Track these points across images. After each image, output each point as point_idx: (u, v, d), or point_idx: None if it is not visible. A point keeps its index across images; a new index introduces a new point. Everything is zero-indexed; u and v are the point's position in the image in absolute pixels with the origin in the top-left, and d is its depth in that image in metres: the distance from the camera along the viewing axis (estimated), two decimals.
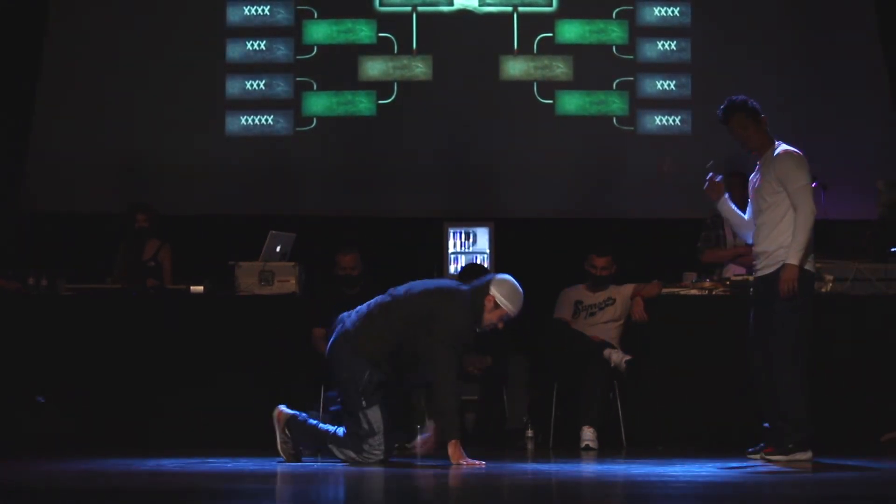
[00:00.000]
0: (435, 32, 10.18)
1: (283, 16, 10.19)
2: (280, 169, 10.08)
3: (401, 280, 6.47)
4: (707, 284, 7.77)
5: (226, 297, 7.88)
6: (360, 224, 9.78)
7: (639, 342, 7.74)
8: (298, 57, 10.16)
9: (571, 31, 10.20)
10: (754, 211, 6.50)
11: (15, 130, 9.81)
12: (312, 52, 10.17)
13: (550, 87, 10.15)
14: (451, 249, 9.29)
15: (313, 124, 10.13)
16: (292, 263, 7.96)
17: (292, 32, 10.20)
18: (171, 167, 9.99)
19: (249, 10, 10.20)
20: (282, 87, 10.12)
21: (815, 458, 6.27)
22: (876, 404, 7.53)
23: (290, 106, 10.14)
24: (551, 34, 10.18)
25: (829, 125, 9.92)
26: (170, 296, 8.00)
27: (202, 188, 10.01)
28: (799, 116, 9.80)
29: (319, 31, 10.19)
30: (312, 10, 10.20)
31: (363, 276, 7.97)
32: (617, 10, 10.21)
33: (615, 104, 10.15)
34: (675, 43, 10.21)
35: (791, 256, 6.26)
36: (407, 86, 10.15)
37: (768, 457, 6.30)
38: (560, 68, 10.16)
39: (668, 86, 10.17)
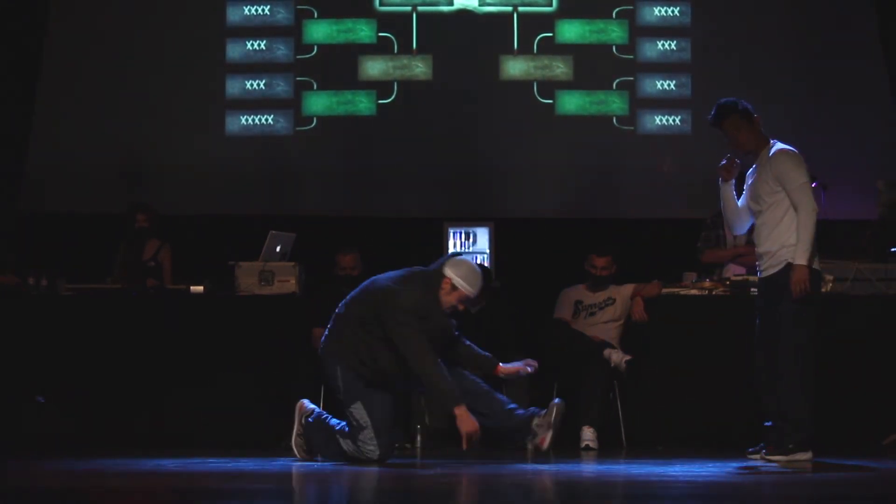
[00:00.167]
0: (435, 32, 10.17)
1: (283, 15, 10.18)
2: (280, 169, 10.08)
3: None
4: (707, 284, 7.77)
5: (226, 297, 7.88)
6: (360, 224, 9.78)
7: (639, 342, 7.74)
8: (298, 57, 10.16)
9: (571, 30, 10.20)
10: (754, 212, 6.50)
11: (15, 130, 9.80)
12: (312, 51, 10.17)
13: (550, 86, 10.15)
14: (451, 249, 9.28)
15: (313, 124, 10.13)
16: (292, 263, 7.96)
17: (292, 32, 10.19)
18: (171, 167, 9.98)
19: (249, 10, 10.19)
20: (282, 87, 10.12)
21: (815, 458, 6.27)
22: (876, 405, 7.53)
23: (290, 106, 10.14)
24: (551, 34, 10.18)
25: (829, 125, 9.91)
26: (170, 296, 8.01)
27: (202, 188, 10.00)
28: (799, 116, 9.79)
29: (319, 31, 10.19)
30: (312, 9, 10.19)
31: (363, 276, 7.96)
32: (617, 9, 10.21)
33: (615, 104, 10.15)
34: (675, 43, 10.21)
35: (799, 257, 6.23)
36: (407, 86, 10.14)
37: (768, 457, 6.30)
38: (560, 68, 10.16)
39: (668, 86, 10.16)
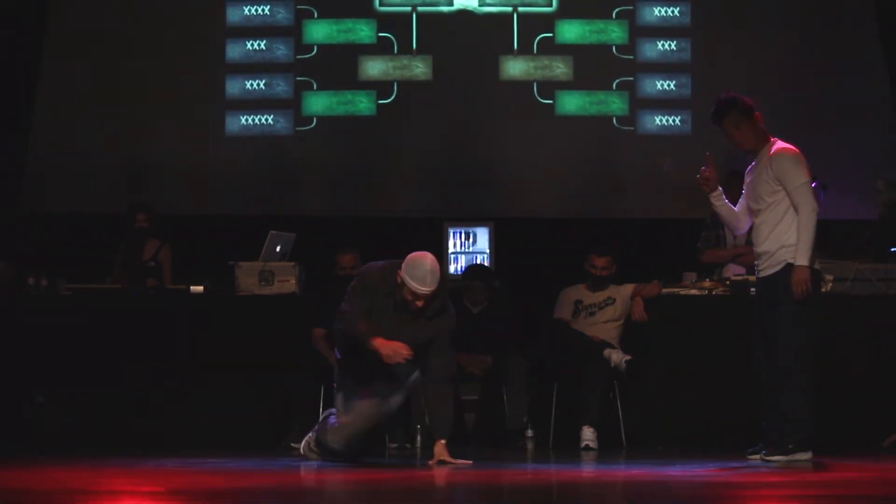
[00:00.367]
0: (435, 32, 10.18)
1: (283, 15, 10.19)
2: (280, 169, 10.08)
3: None
4: (707, 284, 7.76)
5: (226, 297, 7.87)
6: (360, 224, 9.78)
7: (639, 342, 7.73)
8: (298, 56, 10.16)
9: (571, 31, 10.20)
10: (753, 211, 6.47)
11: (15, 130, 9.80)
12: (312, 51, 10.17)
13: (550, 87, 10.15)
14: (451, 249, 9.29)
15: (313, 124, 10.13)
16: (292, 263, 7.95)
17: (292, 32, 10.20)
18: (171, 167, 9.99)
19: (249, 10, 10.20)
20: (282, 87, 10.12)
21: (815, 458, 6.27)
22: (876, 404, 7.52)
23: (290, 106, 10.14)
24: (551, 34, 10.19)
25: (829, 125, 9.92)
26: (170, 296, 8.00)
27: (202, 188, 10.01)
28: (799, 116, 9.79)
29: (319, 31, 10.19)
30: (312, 9, 10.20)
31: None
32: (617, 10, 10.21)
33: (615, 104, 10.15)
34: (675, 43, 10.21)
35: (800, 257, 6.20)
36: (407, 86, 10.15)
37: (768, 457, 6.30)
38: (560, 68, 10.16)
39: (668, 86, 10.17)
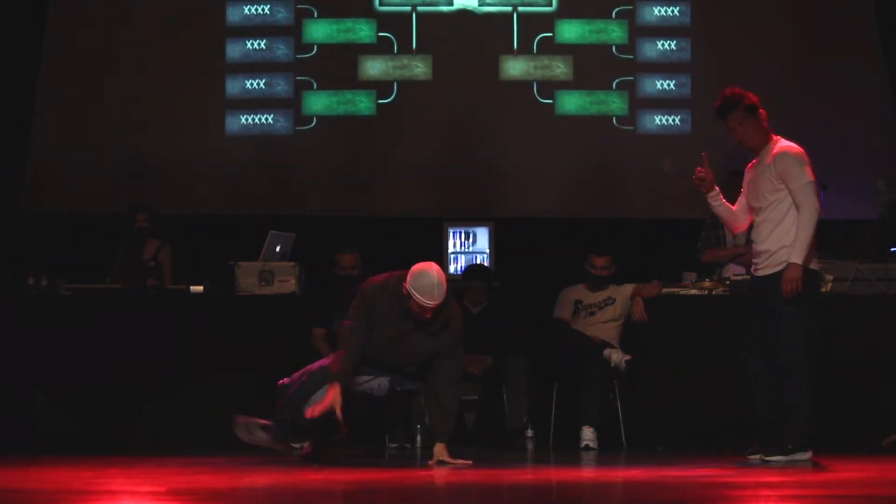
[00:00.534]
0: (435, 32, 10.18)
1: (282, 15, 10.19)
2: (280, 168, 10.08)
3: None
4: (707, 284, 7.76)
5: (226, 297, 7.87)
6: (360, 224, 9.78)
7: (639, 342, 7.73)
8: (298, 56, 10.16)
9: (571, 30, 10.20)
10: (754, 209, 6.44)
11: (15, 130, 9.80)
12: (312, 51, 10.17)
13: (550, 87, 10.15)
14: (451, 249, 9.29)
15: (313, 123, 10.13)
16: (292, 263, 7.96)
17: (292, 32, 10.20)
18: (171, 167, 9.99)
19: (249, 10, 10.20)
20: (282, 87, 10.12)
21: (815, 458, 6.26)
22: (876, 404, 7.52)
23: (290, 105, 10.14)
24: (551, 34, 10.19)
25: (829, 125, 9.91)
26: (170, 296, 8.00)
27: (202, 188, 10.01)
28: (799, 116, 9.78)
29: (319, 31, 10.20)
30: (312, 9, 10.20)
31: (363, 276, 7.96)
32: (617, 9, 10.22)
33: (615, 104, 10.16)
34: (675, 43, 10.21)
35: (795, 255, 6.16)
36: (407, 85, 10.15)
37: (768, 457, 6.29)
38: (560, 68, 10.16)
39: (668, 85, 10.17)
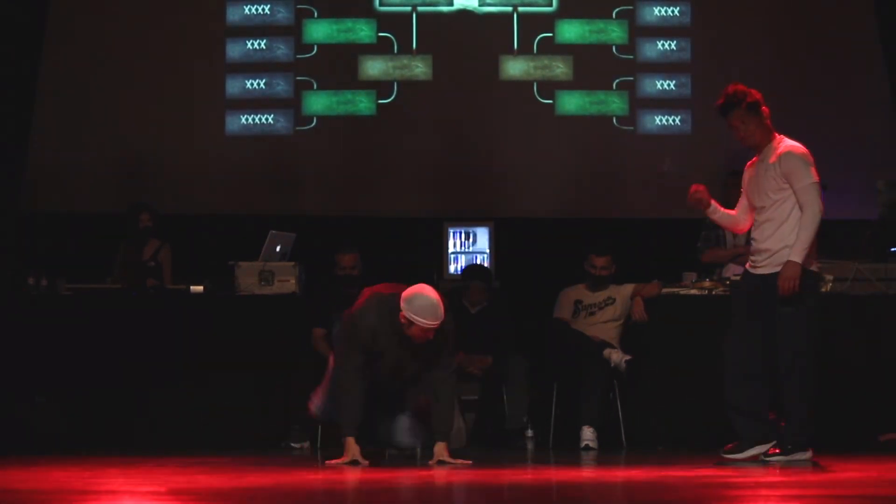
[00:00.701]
0: (435, 32, 10.17)
1: (283, 15, 10.18)
2: (280, 169, 10.08)
3: (400, 279, 6.46)
4: (707, 284, 7.76)
5: (226, 297, 7.87)
6: (360, 224, 9.78)
7: (639, 342, 7.74)
8: (298, 56, 10.16)
9: (571, 31, 10.20)
10: (755, 207, 6.42)
11: (15, 130, 9.80)
12: (312, 51, 10.17)
13: (550, 87, 10.15)
14: (451, 249, 9.29)
15: (313, 123, 10.13)
16: (292, 263, 7.96)
17: (292, 32, 10.19)
18: (171, 167, 9.98)
19: (249, 10, 10.19)
20: (282, 87, 10.12)
21: (815, 457, 6.27)
22: (876, 404, 7.53)
23: (290, 105, 10.14)
24: (551, 34, 10.18)
25: (829, 125, 9.90)
26: (170, 296, 8.00)
27: (202, 188, 10.00)
28: (799, 116, 9.76)
29: (319, 31, 10.19)
30: (312, 9, 10.20)
31: (363, 275, 7.97)
32: (617, 9, 10.21)
33: (615, 104, 10.15)
34: (675, 43, 10.21)
35: (794, 254, 6.16)
36: (407, 85, 10.15)
37: (767, 458, 6.29)
38: (560, 68, 10.16)
39: (668, 86, 10.16)
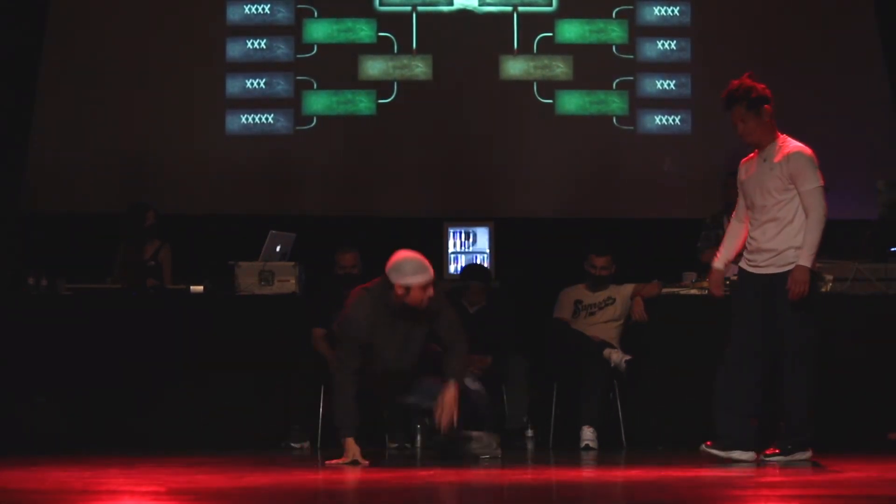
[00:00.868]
0: (435, 32, 10.17)
1: (283, 15, 10.18)
2: (280, 168, 10.08)
3: None
4: (707, 284, 7.75)
5: (226, 297, 7.88)
6: (360, 224, 9.78)
7: (639, 342, 7.74)
8: (298, 56, 10.16)
9: (571, 30, 10.20)
10: (756, 206, 6.40)
11: (15, 130, 9.80)
12: (312, 50, 10.17)
13: (550, 86, 10.15)
14: (451, 249, 9.28)
15: (313, 123, 10.13)
16: (292, 263, 7.96)
17: (292, 31, 10.20)
18: (171, 167, 9.98)
19: (249, 9, 10.19)
20: (282, 86, 10.12)
21: (815, 457, 6.27)
22: (876, 404, 7.53)
23: (291, 105, 10.14)
24: (551, 34, 10.18)
25: (829, 125, 9.90)
26: (170, 296, 8.01)
27: (202, 188, 10.00)
28: (799, 116, 9.74)
29: (319, 30, 10.19)
30: (312, 9, 10.20)
31: (363, 275, 7.97)
32: (617, 9, 10.21)
33: (615, 104, 10.15)
34: (675, 42, 10.21)
35: (805, 258, 6.21)
36: (407, 85, 10.15)
37: (767, 458, 6.30)
38: (560, 68, 10.16)
39: (668, 85, 10.16)
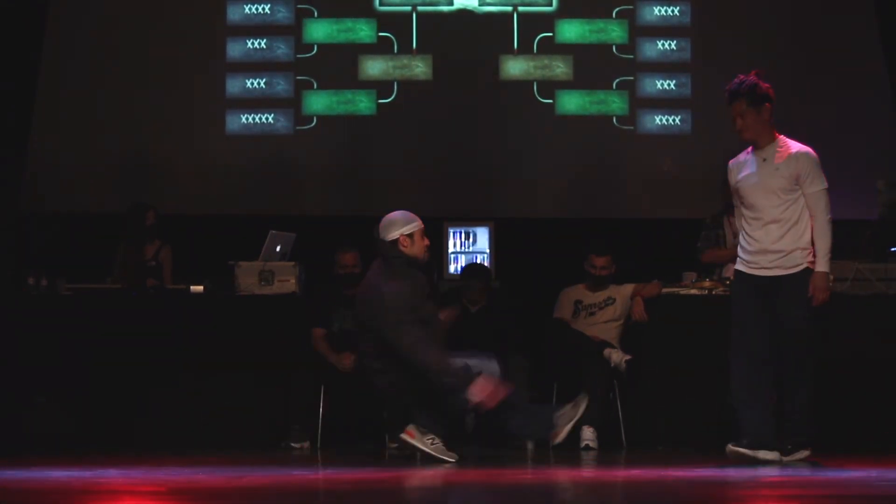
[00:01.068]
0: (435, 32, 10.17)
1: (283, 14, 10.18)
2: (280, 168, 10.08)
3: None
4: (707, 284, 7.76)
5: (226, 297, 7.87)
6: (360, 224, 9.75)
7: (639, 342, 7.73)
8: (299, 56, 10.16)
9: (571, 30, 10.20)
10: (756, 207, 6.39)
11: (15, 130, 9.80)
12: (312, 50, 10.17)
13: (550, 86, 10.15)
14: (451, 249, 9.29)
15: (313, 123, 10.12)
16: (292, 263, 7.95)
17: (292, 31, 10.20)
18: (171, 167, 9.98)
19: (250, 9, 10.19)
20: (282, 86, 10.12)
21: (815, 458, 6.27)
22: (876, 404, 7.52)
23: (291, 105, 10.14)
24: (551, 34, 10.18)
25: (829, 125, 9.90)
26: (170, 296, 8.00)
27: (202, 188, 10.00)
28: (799, 116, 9.76)
29: (319, 30, 10.19)
30: (312, 9, 10.20)
31: (364, 274, 7.95)
32: (617, 9, 10.21)
33: (615, 104, 10.15)
34: (675, 42, 10.21)
35: (823, 263, 6.27)
36: (407, 85, 10.14)
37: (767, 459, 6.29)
38: (560, 68, 10.15)
39: (668, 85, 10.16)
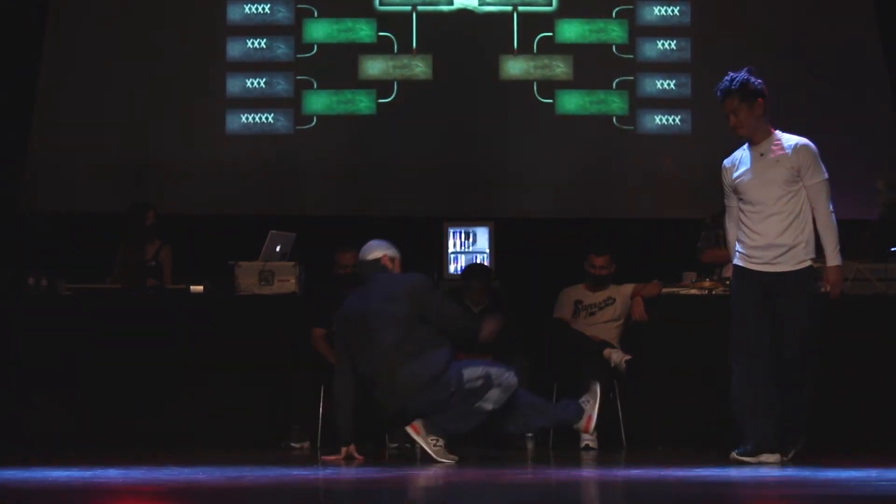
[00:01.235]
0: (435, 32, 10.17)
1: (283, 14, 10.19)
2: (280, 168, 10.08)
3: None
4: (707, 284, 7.76)
5: (226, 297, 7.87)
6: (360, 224, 9.77)
7: (639, 342, 7.74)
8: (299, 55, 10.16)
9: (571, 30, 10.20)
10: (755, 202, 6.38)
11: (15, 130, 9.80)
12: (312, 50, 10.17)
13: (550, 86, 10.15)
14: (450, 249, 9.28)
15: (313, 123, 10.13)
16: (292, 263, 7.95)
17: (292, 31, 10.20)
18: (171, 166, 9.98)
19: (250, 9, 10.20)
20: (282, 86, 10.12)
21: (814, 458, 6.27)
22: (876, 405, 7.52)
23: (291, 104, 10.14)
24: (551, 34, 10.18)
25: (830, 124, 9.89)
26: (170, 296, 8.00)
27: (202, 188, 10.00)
28: (799, 116, 9.75)
29: (319, 30, 10.19)
30: (312, 8, 10.20)
31: None
32: (617, 9, 10.21)
33: (615, 104, 10.15)
34: (674, 42, 10.21)
35: (834, 257, 6.29)
36: (407, 85, 10.15)
37: (766, 459, 6.30)
38: (560, 68, 10.16)
39: (668, 85, 10.16)
